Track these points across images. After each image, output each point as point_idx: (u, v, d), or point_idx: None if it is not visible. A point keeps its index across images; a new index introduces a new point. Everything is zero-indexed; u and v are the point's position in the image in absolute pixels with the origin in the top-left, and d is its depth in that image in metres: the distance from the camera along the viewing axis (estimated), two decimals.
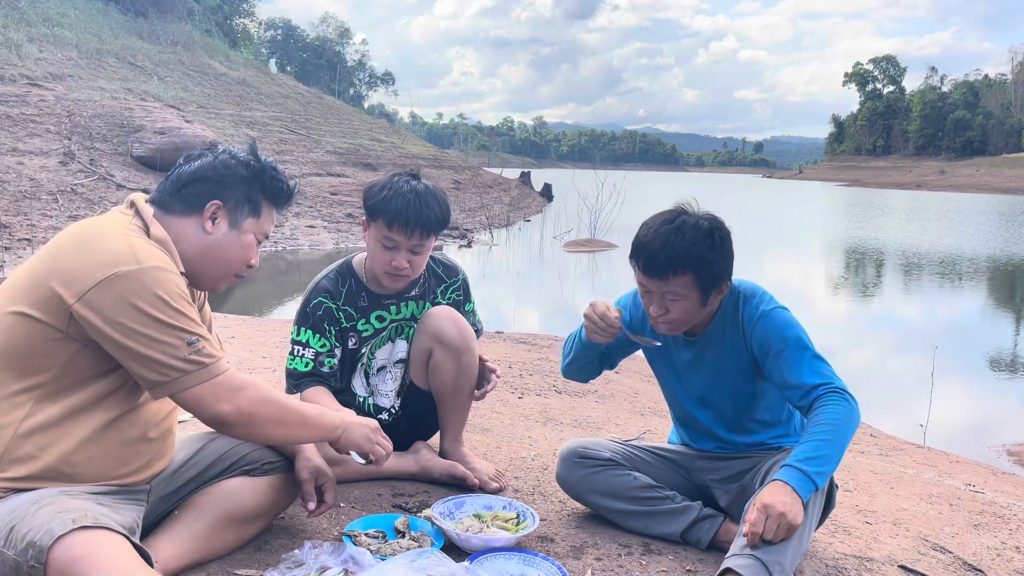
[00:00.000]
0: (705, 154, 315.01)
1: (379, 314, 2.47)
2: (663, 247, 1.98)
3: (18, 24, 20.92)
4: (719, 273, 2.03)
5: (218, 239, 1.73)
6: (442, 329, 2.43)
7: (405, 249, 2.30)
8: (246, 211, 1.76)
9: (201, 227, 1.72)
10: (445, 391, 2.50)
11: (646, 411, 4.20)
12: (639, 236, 2.06)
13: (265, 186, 1.79)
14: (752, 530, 1.79)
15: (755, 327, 2.07)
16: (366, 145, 26.03)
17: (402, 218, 2.25)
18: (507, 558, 1.96)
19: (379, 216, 2.29)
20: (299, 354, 2.37)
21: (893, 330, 9.37)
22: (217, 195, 1.72)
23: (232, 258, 1.76)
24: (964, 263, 15.30)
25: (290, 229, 14.48)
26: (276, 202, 1.83)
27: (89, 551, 1.37)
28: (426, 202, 2.29)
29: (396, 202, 2.27)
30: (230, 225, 1.74)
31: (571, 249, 15.41)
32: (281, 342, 5.15)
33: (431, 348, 2.46)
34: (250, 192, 1.76)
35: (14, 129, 14.91)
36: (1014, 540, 2.61)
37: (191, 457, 1.89)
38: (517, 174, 33.20)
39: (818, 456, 1.85)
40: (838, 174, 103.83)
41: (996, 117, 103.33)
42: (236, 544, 1.91)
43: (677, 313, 2.05)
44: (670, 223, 2.02)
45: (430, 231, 2.31)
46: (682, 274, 1.99)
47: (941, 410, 5.42)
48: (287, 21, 78.12)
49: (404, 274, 2.34)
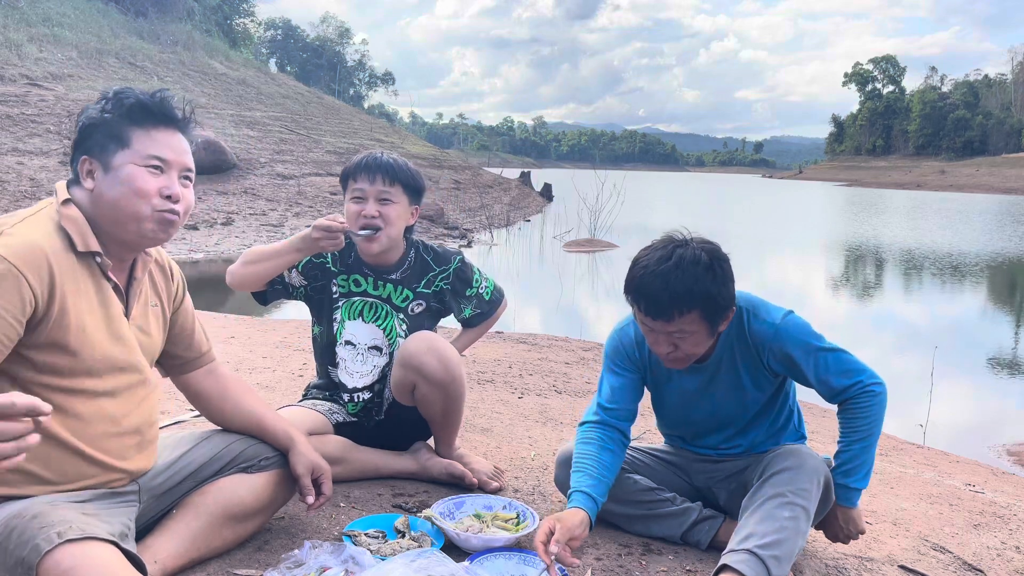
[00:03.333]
0: (705, 154, 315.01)
1: (356, 278, 2.51)
2: (664, 289, 1.88)
3: (18, 24, 20.93)
4: (725, 303, 1.96)
5: (99, 191, 1.62)
6: (423, 365, 2.33)
7: (372, 198, 2.38)
8: (112, 148, 1.62)
9: (85, 190, 1.63)
10: (435, 418, 2.49)
11: (646, 411, 4.19)
12: (635, 276, 1.95)
13: (120, 114, 1.63)
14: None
15: (772, 343, 2.03)
16: (366, 145, 26.00)
17: (363, 165, 2.41)
18: (507, 558, 1.96)
19: (348, 176, 2.44)
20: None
21: (893, 330, 9.37)
22: (83, 151, 1.64)
23: (121, 199, 1.61)
24: (964, 263, 15.30)
25: (290, 229, 14.48)
26: (144, 120, 1.64)
27: (77, 564, 1.36)
28: (391, 157, 2.45)
29: (361, 157, 2.46)
30: (104, 171, 1.62)
31: (571, 249, 15.41)
32: (281, 342, 5.16)
33: (415, 381, 2.39)
34: (110, 127, 1.63)
35: (14, 129, 14.92)
36: (1014, 540, 2.61)
37: (182, 455, 1.88)
38: (517, 174, 33.21)
39: (858, 465, 2.03)
40: (838, 174, 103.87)
41: (996, 117, 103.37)
42: (235, 542, 1.91)
43: (687, 348, 1.98)
44: (667, 260, 1.90)
45: (394, 177, 2.40)
46: (688, 312, 1.90)
47: (941, 410, 5.42)
48: (287, 21, 78.20)
49: (374, 224, 2.37)
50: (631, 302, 2.01)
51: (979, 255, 16.58)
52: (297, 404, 2.54)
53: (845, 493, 2.03)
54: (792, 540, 1.85)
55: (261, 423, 1.98)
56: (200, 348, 1.95)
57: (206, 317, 6.40)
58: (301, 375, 4.08)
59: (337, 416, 2.51)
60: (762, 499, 1.93)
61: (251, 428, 1.98)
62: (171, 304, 1.86)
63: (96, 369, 1.60)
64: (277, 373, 4.11)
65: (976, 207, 38.42)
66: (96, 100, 1.69)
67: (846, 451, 2.02)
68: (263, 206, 16.05)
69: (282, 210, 16.09)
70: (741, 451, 2.23)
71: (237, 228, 13.88)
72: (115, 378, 1.64)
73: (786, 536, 1.84)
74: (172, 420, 2.93)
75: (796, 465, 1.97)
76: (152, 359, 1.80)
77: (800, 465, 1.97)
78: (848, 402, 2.01)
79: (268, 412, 2.01)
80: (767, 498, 1.92)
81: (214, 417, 2.01)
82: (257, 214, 15.28)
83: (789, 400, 2.24)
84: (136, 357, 1.70)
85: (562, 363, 5.32)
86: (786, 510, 1.88)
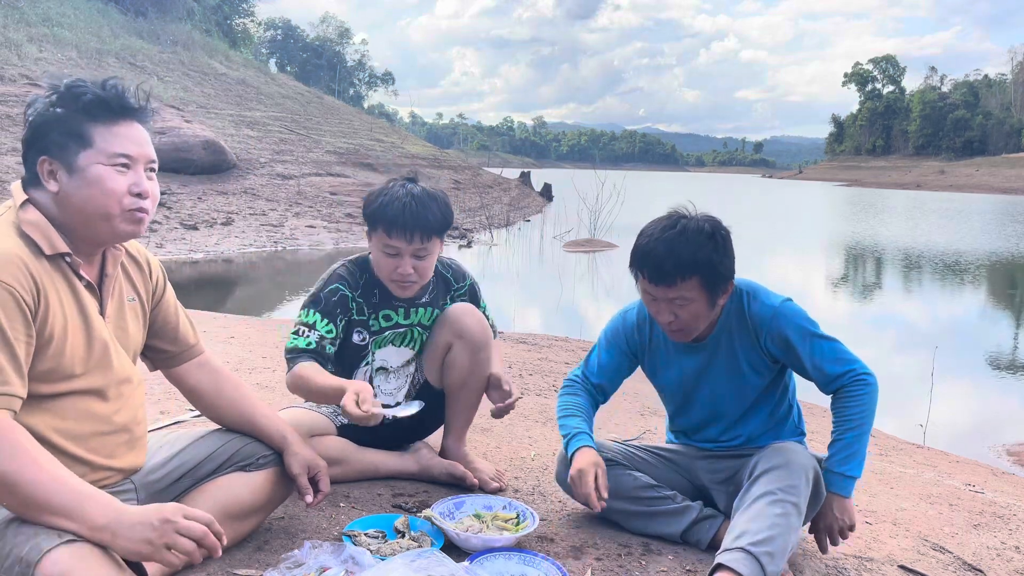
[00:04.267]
0: (705, 154, 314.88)
1: (386, 313, 2.44)
2: (669, 254, 1.98)
3: (18, 24, 20.92)
4: (725, 273, 2.04)
5: (64, 193, 1.56)
6: (464, 325, 2.43)
7: (408, 255, 2.26)
8: (73, 148, 1.55)
9: (47, 191, 1.57)
10: (456, 386, 2.49)
11: (646, 411, 4.20)
12: (640, 245, 2.05)
13: (77, 110, 1.56)
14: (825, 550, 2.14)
15: (770, 324, 2.08)
16: (366, 145, 26.03)
17: (399, 223, 2.20)
18: (507, 558, 1.96)
19: (378, 224, 2.25)
20: (303, 334, 2.27)
21: (893, 329, 9.38)
22: (41, 151, 1.56)
23: (90, 201, 1.56)
24: (964, 262, 15.30)
25: (290, 229, 14.49)
26: (102, 115, 1.57)
27: (75, 564, 1.36)
28: (423, 204, 2.24)
29: (392, 207, 2.22)
30: (67, 172, 1.55)
31: (571, 249, 15.41)
32: (281, 342, 5.14)
33: (450, 343, 2.46)
34: (67, 125, 1.55)
35: (14, 129, 14.91)
36: (1014, 540, 2.61)
37: (180, 452, 1.88)
38: (517, 174, 33.22)
39: (850, 454, 2.05)
40: (838, 174, 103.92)
41: (996, 117, 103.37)
42: (234, 540, 1.90)
43: (687, 317, 2.05)
44: (671, 228, 2.01)
45: (431, 233, 2.26)
46: (689, 278, 1.99)
47: (941, 410, 5.41)
48: (287, 21, 78.16)
49: (411, 280, 2.30)
50: (636, 273, 2.07)
51: (979, 255, 16.58)
52: (300, 405, 2.54)
53: (840, 481, 2.05)
54: (784, 536, 1.87)
55: (257, 421, 1.98)
56: (187, 341, 1.93)
57: (206, 317, 6.40)
58: None
59: (342, 417, 2.50)
60: (752, 498, 1.95)
61: (246, 426, 1.97)
62: (150, 298, 1.84)
63: (78, 370, 1.59)
64: (277, 373, 4.11)
65: (976, 207, 38.42)
66: (45, 92, 1.59)
67: (840, 439, 2.06)
68: (263, 206, 16.05)
69: (282, 210, 16.09)
70: (740, 443, 2.24)
71: (237, 228, 13.87)
72: (98, 377, 1.63)
73: (778, 532, 1.86)
74: (172, 420, 2.92)
75: (784, 463, 1.99)
76: (133, 355, 1.79)
77: (788, 463, 1.99)
78: (842, 390, 2.06)
79: (264, 410, 2.01)
80: (756, 497, 1.95)
81: (209, 413, 2.01)
82: (257, 214, 15.28)
83: (788, 394, 2.26)
84: (117, 355, 1.69)
85: (562, 363, 5.33)
86: (776, 507, 1.90)
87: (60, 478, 1.43)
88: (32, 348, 1.50)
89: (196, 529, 1.42)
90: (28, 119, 1.59)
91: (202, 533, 1.42)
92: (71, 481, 1.43)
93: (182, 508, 1.45)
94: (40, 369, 1.53)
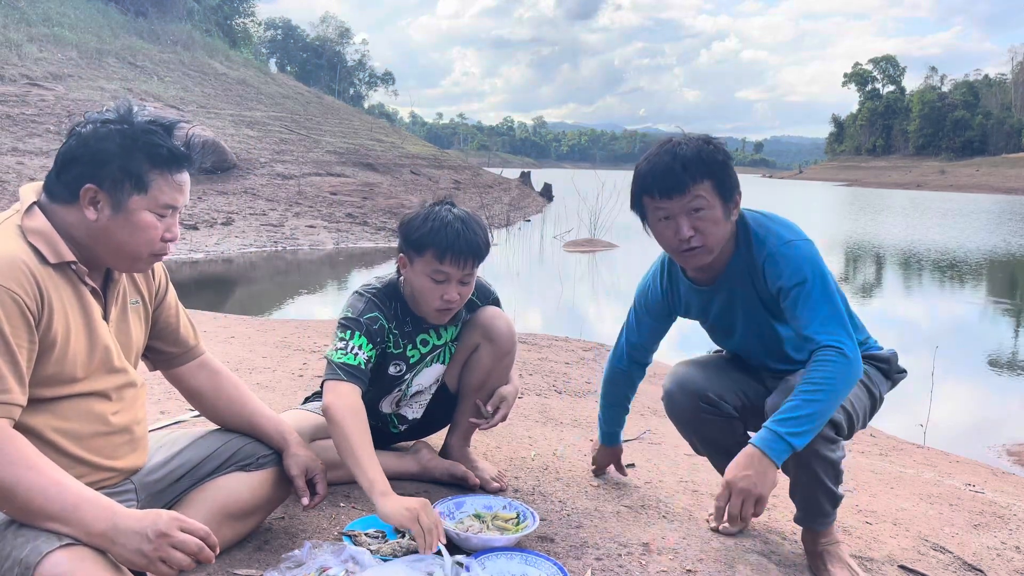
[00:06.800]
0: None
1: (423, 338, 2.40)
2: (675, 159, 1.95)
3: (18, 24, 20.94)
4: (733, 180, 1.99)
5: (104, 226, 1.56)
6: (496, 328, 2.42)
7: (456, 281, 2.19)
8: (127, 188, 1.55)
9: (84, 215, 1.55)
10: (474, 387, 2.47)
11: (646, 411, 4.19)
12: (642, 166, 2.01)
13: (144, 153, 1.56)
14: (718, 505, 1.87)
15: (768, 261, 1.98)
16: (366, 145, 26.03)
17: (454, 249, 2.14)
18: (507, 558, 1.96)
19: (426, 249, 2.15)
20: (353, 351, 2.18)
21: (893, 329, 9.37)
22: (91, 177, 1.54)
23: (127, 243, 1.58)
24: (964, 262, 15.30)
25: (290, 229, 14.49)
26: (166, 167, 1.59)
27: (75, 567, 1.36)
28: (472, 229, 2.18)
29: (445, 233, 2.14)
30: (113, 209, 1.55)
31: (571, 249, 15.41)
32: (281, 342, 5.15)
33: (478, 344, 2.44)
34: (129, 164, 1.54)
35: (14, 129, 14.93)
36: (1014, 540, 2.61)
37: (180, 452, 1.88)
38: (517, 174, 33.19)
39: (797, 416, 1.83)
40: (838, 174, 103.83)
41: (996, 117, 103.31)
42: (234, 540, 1.91)
43: (707, 226, 1.95)
44: (668, 143, 2.00)
45: (480, 259, 2.21)
46: (701, 180, 1.94)
47: (941, 410, 5.42)
48: (287, 21, 78.18)
49: (455, 307, 2.26)
50: (643, 199, 2.02)
51: (979, 254, 16.58)
52: (302, 407, 2.53)
53: (770, 438, 1.83)
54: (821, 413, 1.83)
55: (256, 422, 1.98)
56: (187, 342, 1.94)
57: (206, 317, 6.40)
58: (301, 375, 4.08)
59: None
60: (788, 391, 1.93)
61: (246, 426, 1.98)
62: (153, 300, 1.84)
63: (80, 374, 1.59)
64: (277, 373, 4.11)
65: (976, 207, 38.41)
66: (111, 117, 1.58)
67: (793, 399, 1.85)
68: (263, 206, 16.05)
69: (282, 210, 16.08)
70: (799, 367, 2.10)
71: (237, 228, 13.87)
72: (101, 380, 1.64)
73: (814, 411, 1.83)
74: (172, 420, 2.92)
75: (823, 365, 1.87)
76: (135, 357, 1.79)
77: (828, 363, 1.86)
78: (811, 357, 1.90)
79: (264, 410, 2.01)
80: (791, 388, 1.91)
81: (209, 414, 2.01)
82: (257, 214, 15.28)
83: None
84: (119, 358, 1.69)
85: (562, 363, 5.33)
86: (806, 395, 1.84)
87: (58, 483, 1.42)
88: (34, 354, 1.50)
89: (191, 544, 1.42)
90: (79, 132, 1.57)
91: (198, 548, 1.42)
92: (70, 486, 1.43)
93: (179, 519, 1.43)
94: (42, 374, 1.53)
